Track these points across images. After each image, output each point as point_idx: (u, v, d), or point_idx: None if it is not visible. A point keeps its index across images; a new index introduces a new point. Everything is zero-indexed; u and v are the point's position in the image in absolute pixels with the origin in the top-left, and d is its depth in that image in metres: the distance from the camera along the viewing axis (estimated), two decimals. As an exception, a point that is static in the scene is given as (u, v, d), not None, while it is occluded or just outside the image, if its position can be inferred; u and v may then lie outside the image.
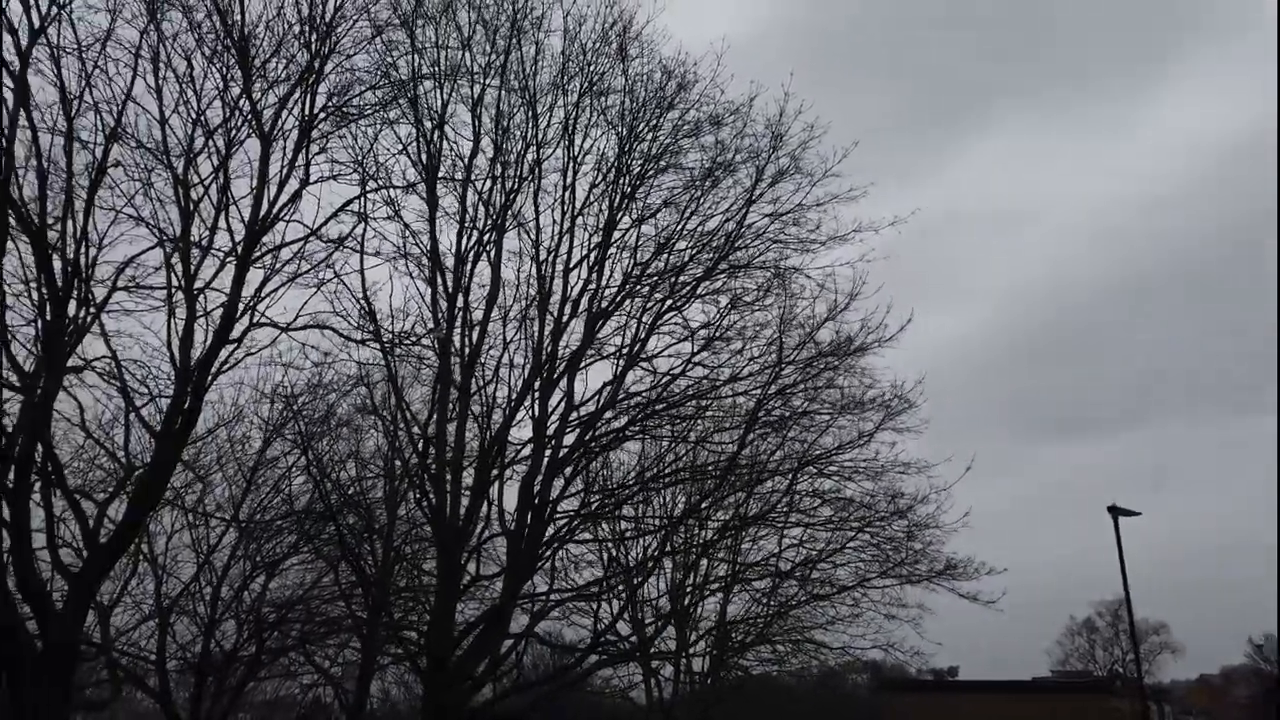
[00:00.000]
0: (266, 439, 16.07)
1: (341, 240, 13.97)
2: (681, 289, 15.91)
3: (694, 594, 19.10)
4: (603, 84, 16.08)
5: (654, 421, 16.00)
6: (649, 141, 16.22)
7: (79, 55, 11.17)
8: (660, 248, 15.96)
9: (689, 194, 16.07)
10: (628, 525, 17.65)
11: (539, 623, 15.91)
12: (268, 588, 15.95)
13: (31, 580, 11.40)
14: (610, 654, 16.17)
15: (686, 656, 19.68)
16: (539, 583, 15.94)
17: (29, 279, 11.87)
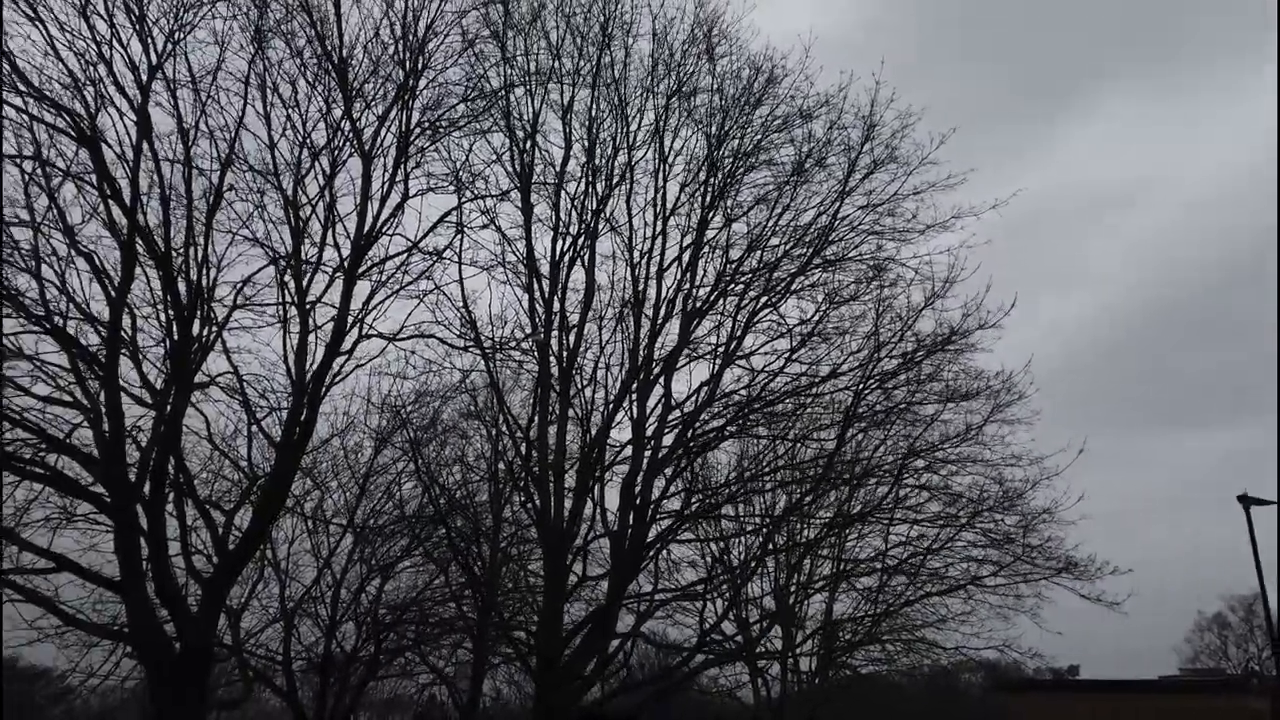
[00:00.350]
0: (377, 447, 16.64)
1: (441, 251, 14.36)
2: (776, 285, 15.76)
3: (798, 593, 18.88)
4: (691, 84, 16.08)
5: (752, 420, 15.88)
6: (739, 139, 16.13)
7: (193, 87, 11.78)
8: (753, 245, 15.84)
9: (781, 189, 15.90)
10: (729, 525, 17.58)
11: (644, 623, 15.98)
12: (383, 590, 16.50)
13: (168, 586, 12.08)
14: (716, 654, 16.13)
15: (793, 656, 19.46)
16: (643, 583, 16.03)
17: (156, 301, 12.60)
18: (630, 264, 15.94)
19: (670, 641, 17.25)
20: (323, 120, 13.20)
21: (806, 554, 17.93)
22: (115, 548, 11.73)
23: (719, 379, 15.58)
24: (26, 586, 11.77)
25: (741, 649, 17.27)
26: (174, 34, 11.41)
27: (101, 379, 11.85)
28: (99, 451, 11.83)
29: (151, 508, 11.93)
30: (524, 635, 15.63)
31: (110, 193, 11.51)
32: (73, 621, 12.22)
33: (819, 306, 15.53)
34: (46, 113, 11.15)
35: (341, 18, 12.57)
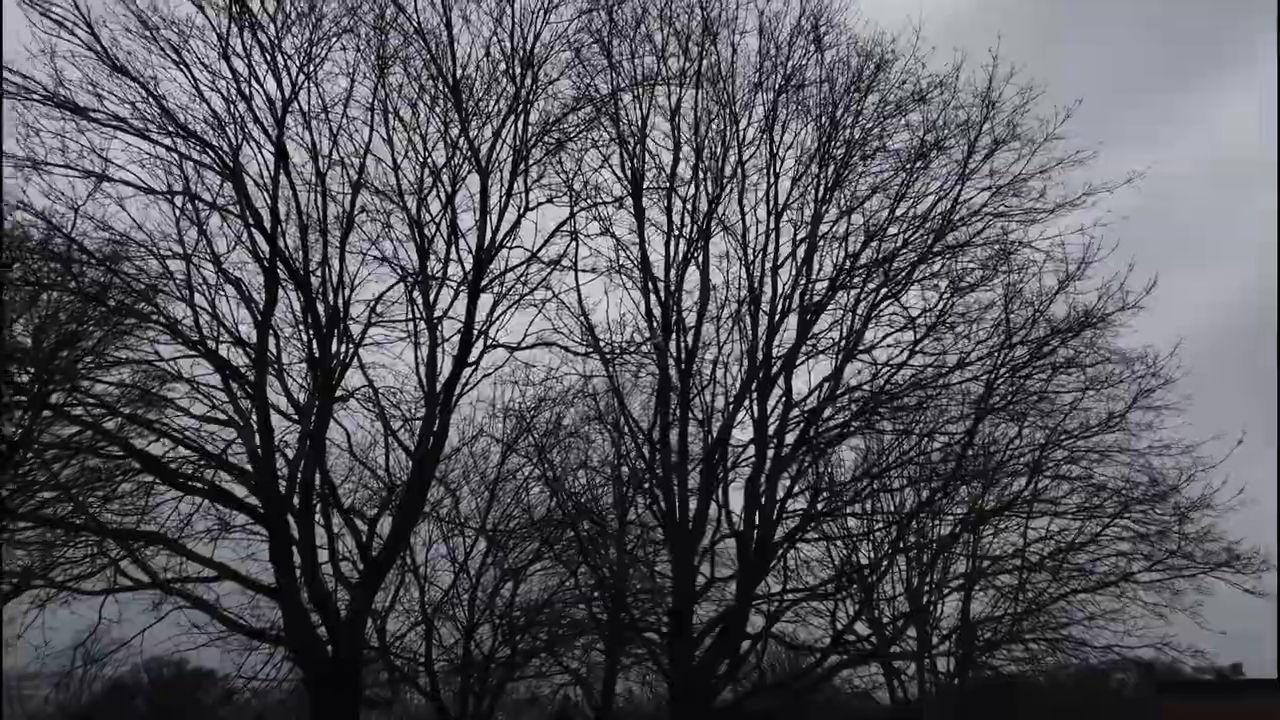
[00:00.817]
0: (504, 453, 17.08)
1: (558, 260, 14.67)
2: (896, 276, 15.36)
3: (933, 592, 18.31)
4: (799, 76, 15.85)
5: (878, 415, 15.52)
6: (851, 128, 15.81)
7: (325, 117, 12.41)
8: (871, 236, 15.48)
9: (898, 177, 15.50)
10: (857, 524, 17.22)
11: (775, 623, 15.84)
12: (516, 593, 16.92)
13: (319, 592, 12.74)
14: (850, 655, 15.83)
15: (929, 656, 18.88)
16: (772, 584, 15.88)
17: (297, 322, 13.32)
18: (744, 262, 15.83)
19: (802, 642, 17.03)
20: (441, 140, 13.70)
21: (940, 552, 17.36)
22: (270, 556, 12.47)
23: (840, 374, 15.29)
24: (193, 594, 12.64)
25: (875, 650, 16.88)
26: (305, 68, 12.05)
27: (251, 397, 12.62)
28: (252, 465, 12.58)
29: (301, 517, 12.62)
30: (655, 636, 15.73)
31: (253, 222, 12.26)
32: (234, 626, 13.01)
33: (943, 295, 15.06)
34: (194, 150, 11.98)
35: (454, 40, 12.99)
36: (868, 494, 16.79)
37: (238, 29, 11.64)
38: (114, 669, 14.73)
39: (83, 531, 12.49)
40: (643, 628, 16.00)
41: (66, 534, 12.66)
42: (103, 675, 14.98)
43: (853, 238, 15.63)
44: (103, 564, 12.36)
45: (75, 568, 12.57)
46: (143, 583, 12.25)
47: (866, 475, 16.34)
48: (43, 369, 12.32)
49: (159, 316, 12.20)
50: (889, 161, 15.75)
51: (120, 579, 12.27)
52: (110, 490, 13.04)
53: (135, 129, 11.49)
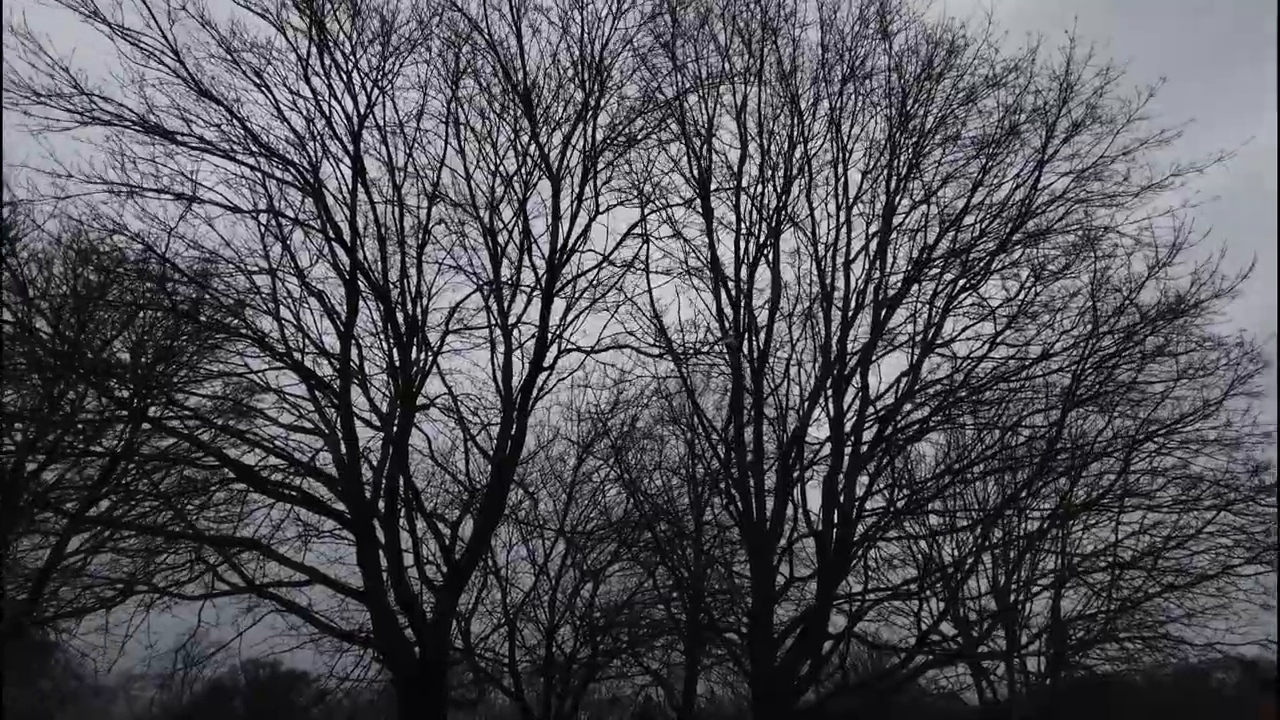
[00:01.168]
0: (580, 455, 17.22)
1: (630, 263, 14.75)
2: (974, 266, 15.00)
3: (1021, 590, 17.82)
4: (865, 67, 15.62)
5: (958, 409, 15.18)
6: (921, 117, 15.50)
7: (400, 131, 12.70)
8: (946, 226, 15.15)
9: (973, 165, 15.14)
10: (939, 521, 16.87)
11: (857, 623, 15.61)
12: (595, 594, 17.05)
13: (405, 594, 13.04)
14: (936, 655, 15.50)
15: (1019, 656, 18.39)
16: (852, 583, 15.66)
17: (378, 332, 13.66)
18: (815, 258, 15.66)
19: (885, 642, 16.76)
20: (512, 148, 13.90)
21: (1028, 549, 16.89)
22: (357, 560, 12.81)
23: (918, 369, 15.00)
24: (286, 598, 13.06)
25: (962, 650, 16.51)
26: (380, 84, 12.35)
27: (336, 406, 12.99)
28: (338, 472, 12.94)
29: (386, 522, 12.94)
30: (735, 637, 15.67)
31: (333, 236, 12.62)
32: (325, 629, 13.41)
33: (1024, 284, 14.65)
34: (276, 169, 12.38)
35: (524, 50, 13.16)
36: (949, 490, 16.42)
37: (317, 50, 11.98)
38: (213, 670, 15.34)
39: (182, 539, 13.02)
40: (722, 628, 15.96)
41: (167, 541, 13.22)
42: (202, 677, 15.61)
43: (928, 229, 15.35)
44: (201, 570, 12.86)
45: (175, 573, 13.11)
46: (239, 587, 12.72)
47: (948, 471, 15.99)
48: (141, 384, 12.88)
49: (248, 330, 12.64)
50: (963, 149, 15.42)
51: (218, 584, 12.76)
52: (206, 499, 13.57)
53: (221, 151, 11.93)
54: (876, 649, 17.31)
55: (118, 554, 13.79)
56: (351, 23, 12.33)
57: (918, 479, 16.46)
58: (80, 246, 12.26)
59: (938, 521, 16.98)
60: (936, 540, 17.19)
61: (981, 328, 14.98)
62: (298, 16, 12.02)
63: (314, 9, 11.94)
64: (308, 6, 11.87)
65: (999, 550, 17.62)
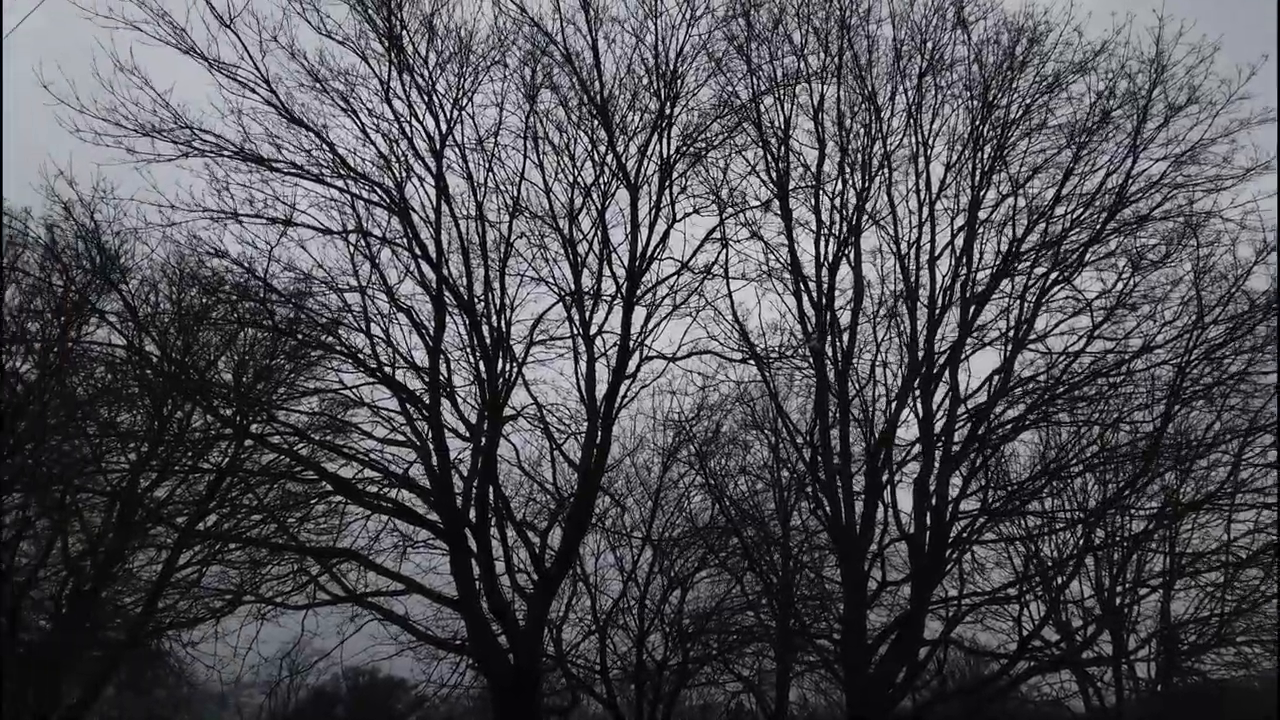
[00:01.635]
0: (665, 462, 17.25)
1: (709, 268, 14.72)
2: (1067, 258, 14.51)
3: (1127, 593, 17.10)
4: (943, 59, 15.28)
5: (1054, 406, 14.68)
6: (1005, 107, 15.08)
7: (479, 148, 12.96)
8: (1035, 218, 14.70)
9: (1062, 154, 14.66)
10: (1037, 522, 16.33)
11: (954, 628, 15.22)
12: (684, 601, 17.04)
13: (498, 602, 13.26)
14: (1039, 660, 15.00)
15: (1127, 661, 17.65)
16: (948, 587, 15.28)
17: (465, 345, 13.95)
18: (898, 256, 15.36)
19: (983, 648, 16.30)
20: (589, 158, 14.04)
21: (1134, 550, 16.20)
22: (451, 569, 13.08)
23: (1010, 366, 14.57)
24: (384, 607, 13.42)
25: (1065, 655, 15.92)
26: (459, 102, 12.63)
27: (427, 419, 13.30)
28: (430, 483, 13.25)
29: (478, 531, 13.18)
30: (828, 643, 15.45)
31: (420, 253, 12.94)
32: (423, 637, 13.73)
33: (1121, 275, 14.10)
34: (364, 190, 12.76)
35: (599, 61, 13.27)
36: (1047, 490, 15.88)
37: (396, 72, 12.33)
38: (316, 678, 15.86)
39: (285, 550, 13.51)
40: (814, 634, 15.75)
41: (271, 553, 13.72)
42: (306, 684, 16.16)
43: (1015, 221, 14.92)
44: (304, 580, 13.31)
45: (280, 584, 13.59)
46: (339, 597, 13.12)
47: (1045, 471, 15.48)
48: (243, 402, 13.42)
49: (342, 347, 13.05)
50: (1051, 138, 14.95)
51: (320, 594, 13.18)
52: (307, 511, 14.04)
53: (312, 175, 12.36)
54: (975, 655, 16.85)
55: (226, 566, 14.37)
56: (429, 44, 12.64)
57: (1013, 479, 15.98)
58: (184, 271, 12.86)
59: (1036, 522, 16.44)
60: (1035, 542, 16.63)
61: (1076, 321, 14.49)
62: (377, 41, 12.40)
63: (392, 33, 12.28)
64: (386, 31, 12.22)
65: (1103, 551, 16.94)
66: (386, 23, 12.05)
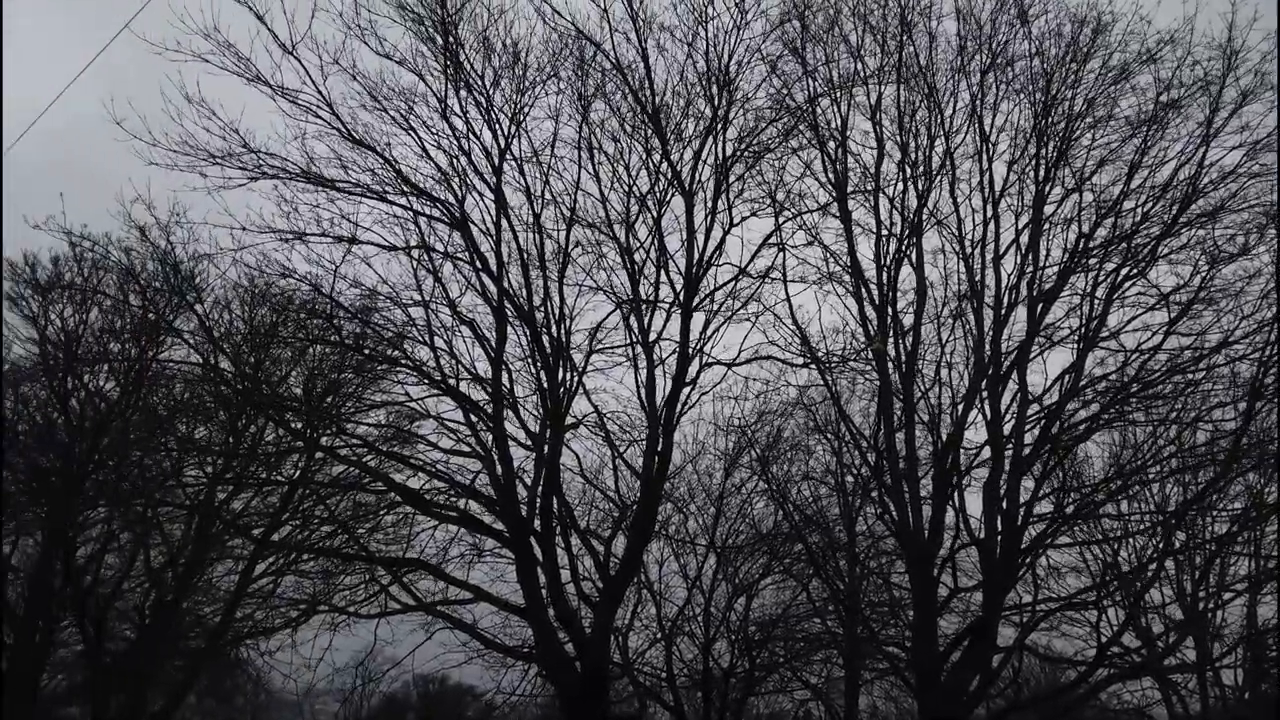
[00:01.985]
0: (726, 469, 17.19)
1: (767, 273, 14.65)
2: (1139, 253, 14.08)
3: (1210, 598, 16.48)
4: (1006, 54, 14.99)
5: (1129, 405, 14.25)
6: (1069, 101, 14.73)
7: (536, 160, 13.11)
8: (1104, 212, 14.31)
9: (1129, 146, 14.25)
10: (1113, 525, 15.85)
11: (1028, 635, 14.83)
12: (749, 608, 16.93)
13: (564, 610, 13.34)
14: (1119, 668, 14.53)
15: (1212, 669, 17.01)
16: (1022, 593, 14.91)
17: (525, 355, 14.10)
18: (962, 255, 15.08)
19: (1060, 655, 15.84)
20: (644, 167, 14.09)
21: (1217, 554, 15.62)
22: (518, 578, 13.22)
23: (1082, 365, 14.18)
24: (453, 615, 13.62)
25: (1146, 662, 15.40)
26: (515, 116, 12.79)
27: (490, 429, 13.47)
28: (495, 493, 13.41)
29: (543, 540, 13.29)
30: (897, 650, 15.19)
31: (480, 266, 13.14)
32: (491, 645, 13.89)
33: (1197, 268, 13.64)
34: (425, 206, 13.01)
35: (651, 70, 13.32)
36: (1123, 493, 15.40)
37: (454, 89, 12.55)
38: (387, 686, 16.16)
39: (356, 560, 13.80)
40: (883, 641, 15.51)
41: (343, 563, 14.04)
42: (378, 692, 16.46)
43: (1081, 217, 14.55)
44: (375, 590, 13.58)
45: (352, 593, 13.89)
46: (410, 606, 13.36)
47: (1120, 473, 15.02)
48: (313, 415, 13.77)
49: (407, 360, 13.31)
50: (1117, 131, 14.55)
51: (390, 603, 13.44)
52: (376, 522, 14.34)
53: (375, 193, 12.65)
54: (1051, 662, 16.39)
55: (300, 576, 14.75)
56: (485, 60, 12.83)
57: (1087, 481, 15.54)
58: (255, 290, 13.26)
59: (1112, 526, 15.95)
60: (1112, 546, 16.13)
61: (1150, 317, 14.05)
62: (434, 60, 12.64)
63: (449, 51, 12.50)
64: (443, 49, 12.44)
65: (1184, 555, 16.36)
66: (444, 41, 12.28)
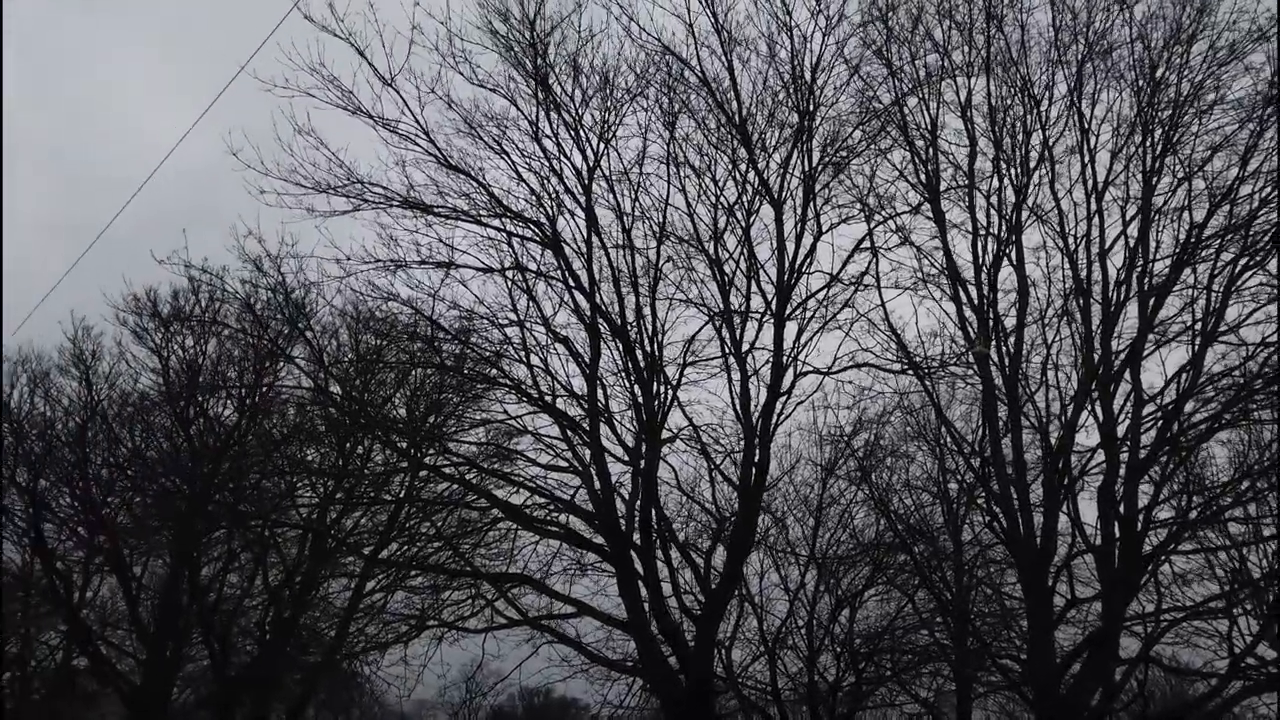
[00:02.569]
0: (824, 478, 16.95)
1: (860, 278, 14.43)
2: (1257, 241, 13.34)
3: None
4: (1104, 42, 14.44)
5: (1254, 403, 13.47)
6: (1175, 85, 14.09)
7: (625, 177, 13.26)
8: (1217, 200, 13.61)
9: (1243, 130, 13.53)
10: (1242, 529, 14.98)
11: (1152, 646, 14.14)
12: (853, 620, 16.63)
13: (667, 624, 13.36)
14: (1253, 680, 13.71)
15: (1361, 681, 15.83)
16: (1144, 602, 14.22)
17: (619, 371, 14.23)
18: (1065, 251, 14.56)
19: (1187, 667, 15.04)
20: (731, 178, 14.10)
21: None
22: (619, 591, 13.30)
23: (1200, 361, 13.49)
24: (556, 629, 13.80)
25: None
26: (604, 135, 12.98)
27: (587, 444, 13.63)
28: (594, 507, 13.55)
29: (643, 553, 13.36)
30: (1012, 663, 14.67)
31: (573, 284, 13.35)
32: (595, 658, 14.00)
33: (1325, 255, 12.83)
34: (518, 227, 13.30)
35: (735, 82, 13.34)
36: (1251, 495, 14.55)
37: (544, 112, 12.82)
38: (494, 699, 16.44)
39: (462, 576, 14.13)
40: (996, 653, 15.00)
41: (450, 579, 14.39)
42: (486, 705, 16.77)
43: (1193, 206, 13.87)
44: (481, 605, 13.88)
45: (460, 609, 14.23)
46: (515, 620, 13.61)
47: (1247, 474, 14.20)
48: (417, 435, 14.19)
49: (505, 379, 13.60)
50: (1229, 114, 13.84)
51: (496, 617, 13.70)
52: (480, 538, 14.65)
53: (471, 217, 13.02)
54: (1178, 674, 15.57)
55: (409, 592, 15.17)
56: (573, 82, 13.06)
57: (1211, 484, 14.74)
58: (360, 316, 13.78)
59: (1240, 530, 15.08)
60: (1241, 551, 15.25)
61: (1273, 309, 13.26)
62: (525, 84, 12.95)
63: (539, 75, 12.78)
64: (533, 73, 12.73)
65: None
66: (534, 65, 12.57)
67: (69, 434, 18.88)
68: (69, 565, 20.72)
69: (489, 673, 14.60)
